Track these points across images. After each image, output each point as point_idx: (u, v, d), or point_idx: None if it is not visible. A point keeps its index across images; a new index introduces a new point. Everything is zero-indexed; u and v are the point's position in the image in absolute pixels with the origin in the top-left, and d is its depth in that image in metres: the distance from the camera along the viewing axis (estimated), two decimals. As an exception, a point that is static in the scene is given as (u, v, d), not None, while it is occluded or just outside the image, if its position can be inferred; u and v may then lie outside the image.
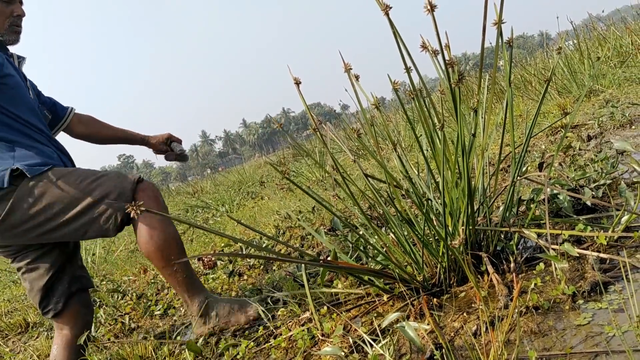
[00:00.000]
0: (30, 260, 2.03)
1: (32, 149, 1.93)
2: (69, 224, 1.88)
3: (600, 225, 1.64)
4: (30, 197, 1.84)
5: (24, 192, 1.84)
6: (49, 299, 2.04)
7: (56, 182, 1.87)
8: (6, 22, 2.05)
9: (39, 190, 1.85)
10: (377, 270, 1.69)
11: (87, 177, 1.91)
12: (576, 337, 1.16)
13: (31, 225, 1.86)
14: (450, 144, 1.63)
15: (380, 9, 1.50)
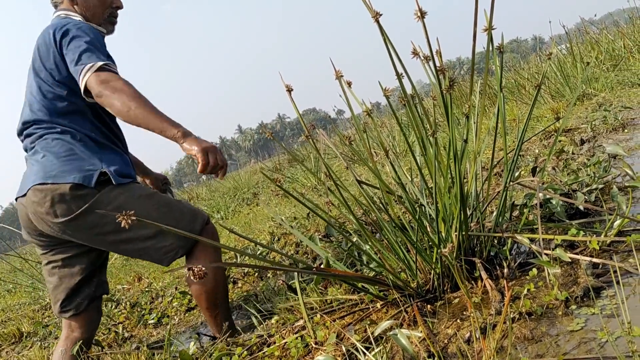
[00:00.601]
0: (68, 256, 1.98)
1: (117, 155, 1.95)
2: (133, 243, 1.89)
3: (592, 230, 1.64)
4: (108, 205, 1.82)
5: (104, 197, 1.82)
6: (73, 298, 2.01)
7: (137, 199, 1.87)
8: (105, 12, 2.08)
9: (118, 201, 1.83)
10: (371, 277, 1.69)
11: (165, 205, 1.92)
12: (569, 343, 1.16)
13: (98, 231, 1.85)
14: (443, 150, 1.63)
15: (370, 15, 1.51)
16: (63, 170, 1.81)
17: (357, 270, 2.06)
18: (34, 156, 1.91)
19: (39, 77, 1.93)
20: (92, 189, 1.81)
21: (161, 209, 1.89)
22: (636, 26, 7.02)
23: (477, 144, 1.74)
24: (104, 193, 1.82)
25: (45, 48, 1.91)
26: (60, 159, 1.84)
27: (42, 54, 1.92)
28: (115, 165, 1.88)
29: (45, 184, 1.80)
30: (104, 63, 1.78)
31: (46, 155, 1.86)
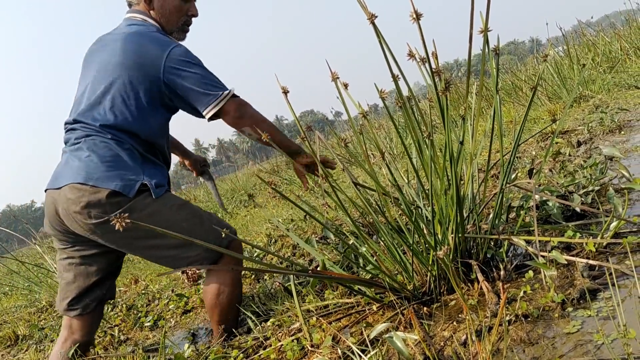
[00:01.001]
0: (88, 254, 1.97)
1: (158, 170, 1.97)
2: (159, 250, 1.90)
3: (589, 232, 1.64)
4: (142, 211, 1.84)
5: (139, 204, 1.84)
6: (82, 298, 1.99)
7: (169, 208, 1.89)
8: (180, 20, 2.10)
9: (152, 208, 1.86)
10: (367, 280, 1.68)
11: (197, 216, 1.93)
12: (566, 345, 1.15)
13: (128, 234, 1.84)
14: (439, 152, 1.63)
15: (366, 17, 1.50)
16: (106, 175, 1.82)
17: (354, 272, 2.06)
18: (76, 152, 1.89)
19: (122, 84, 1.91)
20: (129, 198, 1.82)
21: (191, 220, 1.90)
22: (633, 28, 7.04)
23: (474, 145, 1.73)
24: (138, 200, 1.83)
25: (138, 58, 1.91)
26: (104, 164, 1.84)
27: (131, 63, 1.91)
28: (155, 179, 1.90)
29: (85, 184, 1.81)
30: (233, 91, 1.95)
31: (91, 155, 1.86)
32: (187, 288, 2.88)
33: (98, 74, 1.96)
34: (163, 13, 2.06)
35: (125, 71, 1.91)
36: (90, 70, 2.00)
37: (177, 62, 1.90)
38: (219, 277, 1.94)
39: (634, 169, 2.27)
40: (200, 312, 2.41)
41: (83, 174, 1.82)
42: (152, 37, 1.97)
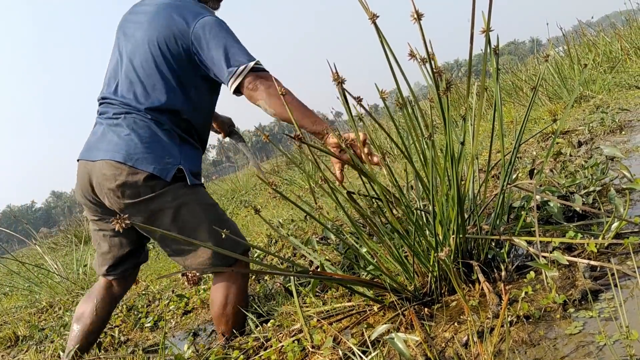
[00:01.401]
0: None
1: (194, 151, 1.98)
2: (177, 243, 1.91)
3: (590, 232, 1.63)
4: (173, 201, 1.85)
5: (172, 193, 1.85)
6: (119, 266, 2.07)
7: (197, 204, 1.89)
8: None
9: (182, 200, 1.86)
10: (368, 281, 1.68)
11: (220, 221, 1.91)
12: (567, 346, 1.15)
13: (153, 220, 1.86)
14: (440, 152, 1.63)
15: (367, 17, 1.50)
16: (145, 157, 1.82)
17: (355, 273, 2.05)
18: (115, 128, 1.88)
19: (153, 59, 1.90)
20: (165, 182, 1.83)
21: (215, 222, 1.88)
22: (633, 28, 7.04)
23: (475, 146, 1.73)
24: (172, 189, 1.84)
25: (171, 32, 1.88)
26: (144, 144, 1.84)
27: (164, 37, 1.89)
28: (191, 162, 1.91)
29: (124, 164, 1.81)
30: (255, 63, 1.83)
31: (131, 134, 1.85)
32: (188, 289, 2.88)
33: (134, 49, 1.94)
34: None
35: (160, 46, 1.89)
36: (127, 44, 1.98)
37: (202, 31, 1.86)
38: (225, 280, 1.94)
39: (635, 169, 2.26)
40: (201, 313, 2.40)
41: (123, 153, 1.82)
42: (183, 7, 1.94)
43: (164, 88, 1.89)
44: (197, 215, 1.88)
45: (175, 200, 1.85)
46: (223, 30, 1.88)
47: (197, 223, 1.88)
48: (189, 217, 1.87)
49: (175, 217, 1.86)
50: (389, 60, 1.57)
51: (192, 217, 1.87)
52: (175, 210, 1.85)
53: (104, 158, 1.84)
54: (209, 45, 1.85)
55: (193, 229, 1.87)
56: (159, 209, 1.85)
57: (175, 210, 1.85)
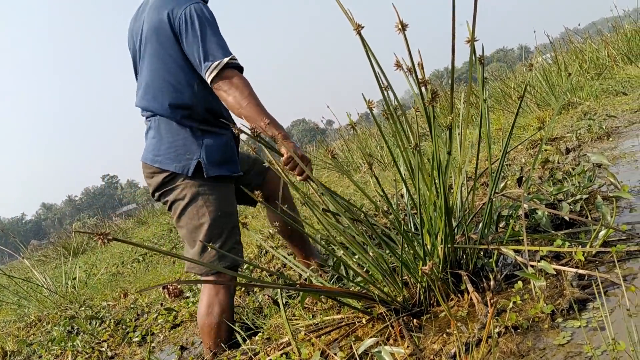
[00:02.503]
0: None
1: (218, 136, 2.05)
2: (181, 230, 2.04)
3: (578, 241, 1.63)
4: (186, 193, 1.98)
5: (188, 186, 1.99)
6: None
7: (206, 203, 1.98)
8: None
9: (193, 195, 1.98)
10: (356, 293, 1.66)
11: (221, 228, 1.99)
12: (555, 357, 1.14)
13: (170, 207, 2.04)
14: (427, 161, 1.62)
15: (352, 27, 1.50)
16: (168, 157, 1.99)
17: (343, 285, 2.04)
18: (148, 131, 2.10)
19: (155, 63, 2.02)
20: (186, 176, 1.98)
21: (212, 229, 1.97)
22: (620, 35, 7.10)
23: (462, 154, 1.73)
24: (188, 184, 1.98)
25: (161, 29, 1.97)
26: (166, 145, 2.01)
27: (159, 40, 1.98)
28: (212, 153, 2.00)
29: (152, 165, 2.02)
30: (229, 59, 1.90)
31: (156, 137, 2.04)
32: (177, 301, 2.85)
33: (143, 55, 2.06)
34: None
35: (156, 46, 1.99)
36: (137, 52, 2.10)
37: (184, 24, 1.93)
38: (208, 297, 1.97)
39: (622, 176, 2.27)
40: (190, 326, 2.37)
41: (151, 155, 2.03)
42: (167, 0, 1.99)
43: (171, 88, 1.99)
44: (202, 214, 1.97)
45: (187, 195, 1.98)
46: (203, 22, 1.92)
47: (199, 221, 1.96)
48: (194, 213, 1.97)
49: (185, 210, 1.99)
50: (374, 70, 1.57)
51: (197, 214, 1.97)
52: (186, 203, 1.98)
53: (143, 160, 2.07)
54: (188, 38, 1.92)
55: (195, 226, 1.97)
56: (174, 199, 2.01)
57: (187, 204, 1.98)
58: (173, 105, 1.99)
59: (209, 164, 1.97)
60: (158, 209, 14.96)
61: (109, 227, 13.75)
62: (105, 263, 6.13)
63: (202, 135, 2.01)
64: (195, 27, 1.91)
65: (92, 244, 11.15)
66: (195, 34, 1.91)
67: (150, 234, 8.59)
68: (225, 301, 1.96)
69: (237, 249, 2.02)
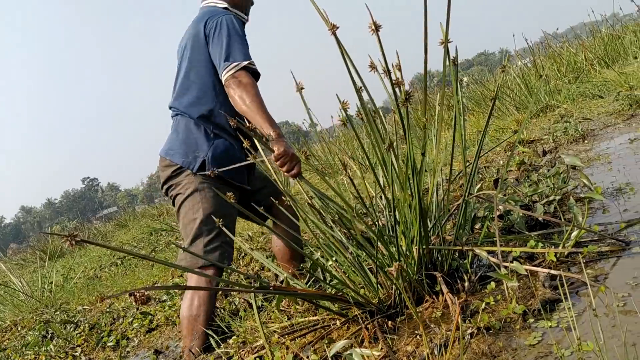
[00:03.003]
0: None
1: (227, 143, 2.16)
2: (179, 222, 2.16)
3: (551, 242, 1.64)
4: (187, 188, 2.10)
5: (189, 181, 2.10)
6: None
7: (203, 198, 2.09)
8: (250, 3, 2.36)
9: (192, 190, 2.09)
10: (332, 295, 1.66)
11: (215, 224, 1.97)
12: (526, 357, 1.14)
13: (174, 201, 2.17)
14: (402, 163, 1.62)
15: (327, 28, 1.49)
16: (178, 151, 2.14)
17: (320, 287, 2.03)
18: (171, 129, 2.25)
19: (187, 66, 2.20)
20: (191, 172, 2.10)
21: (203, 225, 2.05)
22: (597, 39, 7.21)
23: (437, 156, 1.73)
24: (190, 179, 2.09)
25: (197, 38, 2.16)
26: (179, 140, 2.16)
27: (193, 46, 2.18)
28: (217, 154, 2.11)
29: (165, 157, 2.17)
30: (247, 63, 2.05)
31: (174, 133, 2.21)
32: (153, 305, 2.81)
33: (180, 60, 2.26)
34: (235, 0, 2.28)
35: (191, 55, 2.18)
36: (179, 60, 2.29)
37: (212, 30, 2.11)
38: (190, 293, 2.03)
39: (596, 177, 2.29)
40: (165, 330, 2.34)
41: (166, 149, 2.18)
42: (206, 12, 2.20)
43: (195, 91, 2.17)
44: (197, 209, 2.07)
45: (188, 189, 2.09)
46: (230, 29, 2.10)
47: (194, 216, 2.06)
48: (190, 207, 2.08)
49: (183, 203, 2.11)
50: (350, 71, 1.56)
51: (192, 208, 2.08)
52: (185, 197, 2.10)
53: (159, 153, 2.22)
54: (214, 41, 2.10)
55: (190, 220, 2.07)
56: (177, 193, 2.13)
57: (185, 198, 2.09)
58: (193, 105, 2.15)
59: (213, 162, 2.08)
60: (139, 212, 14.81)
61: (88, 231, 13.58)
62: (83, 267, 6.03)
63: (214, 137, 2.13)
64: (223, 32, 2.09)
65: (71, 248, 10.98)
66: (220, 38, 2.08)
67: (129, 237, 8.50)
68: (206, 299, 2.00)
69: (224, 249, 2.06)
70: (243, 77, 2.02)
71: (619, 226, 1.64)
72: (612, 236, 1.57)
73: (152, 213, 12.09)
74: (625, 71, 5.18)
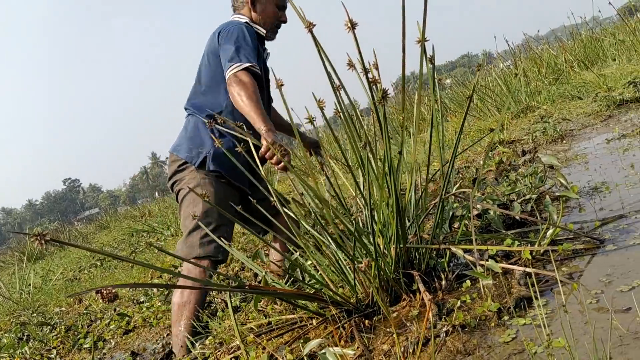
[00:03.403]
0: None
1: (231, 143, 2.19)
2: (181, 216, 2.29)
3: (527, 240, 1.65)
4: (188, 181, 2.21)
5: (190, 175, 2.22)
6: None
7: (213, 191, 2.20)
8: (274, 22, 2.50)
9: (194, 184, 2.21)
10: (309, 294, 1.65)
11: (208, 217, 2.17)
12: (500, 354, 1.14)
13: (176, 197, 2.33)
14: (380, 161, 1.62)
15: (303, 25, 1.48)
16: (184, 147, 2.29)
17: (299, 287, 2.02)
18: (182, 127, 2.40)
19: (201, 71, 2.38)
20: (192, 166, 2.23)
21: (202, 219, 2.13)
22: (577, 42, 7.31)
23: (414, 152, 1.73)
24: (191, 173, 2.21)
25: (211, 48, 2.34)
26: (186, 137, 2.32)
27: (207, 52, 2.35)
28: (219, 152, 2.20)
29: (172, 153, 2.32)
30: (250, 65, 2.17)
31: (183, 131, 2.37)
32: (131, 307, 2.78)
33: (199, 68, 2.43)
34: (262, 17, 2.46)
35: (206, 59, 2.35)
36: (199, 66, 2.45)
37: (222, 36, 2.28)
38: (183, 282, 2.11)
39: (573, 177, 2.32)
40: (142, 332, 2.31)
41: (175, 144, 2.35)
42: (224, 24, 2.36)
43: (206, 95, 2.33)
44: (197, 203, 2.18)
45: (190, 184, 2.19)
46: (239, 36, 2.26)
47: (193, 210, 2.16)
48: (190, 202, 2.19)
49: (185, 197, 2.23)
50: (327, 69, 1.55)
51: (192, 202, 2.19)
52: (187, 192, 2.20)
53: (169, 150, 2.36)
54: (223, 46, 2.26)
55: (189, 214, 2.16)
56: (180, 188, 2.27)
57: (187, 193, 2.21)
58: (203, 106, 2.31)
59: (213, 159, 2.21)
60: (121, 214, 14.67)
61: (69, 232, 13.42)
62: (62, 268, 5.95)
63: (220, 137, 2.22)
64: (232, 37, 2.24)
65: (51, 250, 10.85)
66: (229, 42, 2.23)
67: (110, 238, 8.41)
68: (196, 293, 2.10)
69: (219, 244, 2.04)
70: (244, 76, 2.14)
71: (593, 224, 1.66)
72: (587, 234, 1.58)
73: (134, 214, 11.99)
74: (604, 73, 5.25)
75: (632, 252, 1.39)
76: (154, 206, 12.33)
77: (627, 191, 1.88)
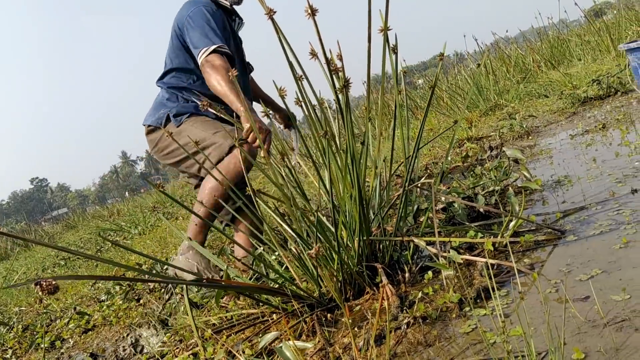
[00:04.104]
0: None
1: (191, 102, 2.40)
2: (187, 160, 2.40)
3: (491, 232, 1.65)
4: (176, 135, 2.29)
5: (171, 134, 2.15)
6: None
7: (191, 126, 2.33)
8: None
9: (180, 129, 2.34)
10: (271, 289, 1.61)
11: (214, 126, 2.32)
12: (460, 345, 1.13)
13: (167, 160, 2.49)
14: (342, 153, 1.59)
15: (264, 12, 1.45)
16: (151, 115, 2.46)
17: (263, 282, 1.98)
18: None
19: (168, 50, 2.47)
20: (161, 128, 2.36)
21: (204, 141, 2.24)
22: (544, 42, 7.44)
23: (378, 145, 1.71)
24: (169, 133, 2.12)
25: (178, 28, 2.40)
26: (153, 107, 2.50)
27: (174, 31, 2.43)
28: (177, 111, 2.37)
29: (144, 125, 2.49)
30: (217, 46, 2.22)
31: (153, 103, 2.52)
32: (93, 305, 2.70)
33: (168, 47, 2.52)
34: None
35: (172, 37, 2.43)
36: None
37: (188, 20, 2.33)
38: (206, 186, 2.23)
39: (538, 171, 2.33)
40: (102, 331, 2.24)
41: (145, 117, 2.50)
42: (188, 3, 2.42)
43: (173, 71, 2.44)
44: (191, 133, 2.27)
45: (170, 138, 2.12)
46: (203, 18, 2.31)
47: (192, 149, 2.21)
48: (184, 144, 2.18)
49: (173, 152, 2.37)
50: (288, 57, 1.52)
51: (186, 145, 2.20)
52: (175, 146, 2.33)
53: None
54: (189, 31, 2.32)
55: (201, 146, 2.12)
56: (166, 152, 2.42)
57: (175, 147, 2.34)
58: (170, 80, 2.44)
59: (176, 114, 2.35)
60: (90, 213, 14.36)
61: (35, 232, 13.09)
62: (25, 268, 5.78)
63: (183, 102, 2.39)
64: (195, 23, 2.30)
65: (16, 249, 10.55)
66: (193, 29, 2.29)
67: (77, 237, 8.23)
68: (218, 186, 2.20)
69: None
70: (216, 59, 2.20)
71: (555, 216, 1.66)
72: (549, 226, 1.59)
73: (103, 214, 11.76)
74: (569, 72, 5.35)
75: (592, 243, 1.40)
76: (123, 206, 12.12)
77: (588, 184, 1.90)
